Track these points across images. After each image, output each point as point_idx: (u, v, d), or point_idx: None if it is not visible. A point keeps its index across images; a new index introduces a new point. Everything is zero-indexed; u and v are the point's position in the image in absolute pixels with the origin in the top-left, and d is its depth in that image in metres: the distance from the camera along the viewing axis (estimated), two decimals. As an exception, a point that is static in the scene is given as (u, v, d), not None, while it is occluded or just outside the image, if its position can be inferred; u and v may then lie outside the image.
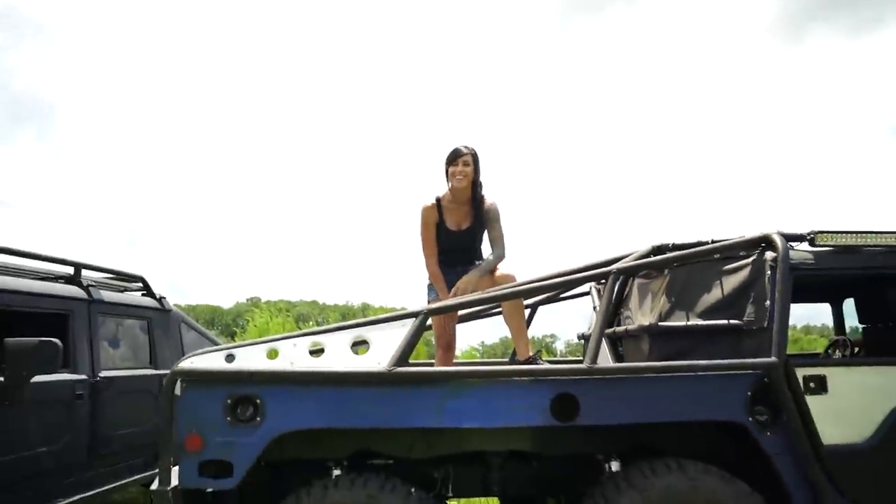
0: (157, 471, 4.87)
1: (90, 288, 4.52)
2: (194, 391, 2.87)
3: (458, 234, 3.94)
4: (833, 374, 3.09)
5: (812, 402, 3.01)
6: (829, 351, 4.91)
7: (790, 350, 3.11)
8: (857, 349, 4.50)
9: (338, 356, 3.02)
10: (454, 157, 3.84)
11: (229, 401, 2.85)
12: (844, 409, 3.05)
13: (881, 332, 3.62)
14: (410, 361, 3.04)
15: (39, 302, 4.09)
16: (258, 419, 2.84)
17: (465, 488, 3.43)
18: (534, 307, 4.80)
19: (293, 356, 3.00)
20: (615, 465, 3.13)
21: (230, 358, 3.00)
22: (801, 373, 3.05)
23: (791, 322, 3.20)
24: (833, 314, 5.07)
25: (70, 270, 4.53)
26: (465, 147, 3.88)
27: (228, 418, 2.84)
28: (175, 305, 5.71)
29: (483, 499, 5.09)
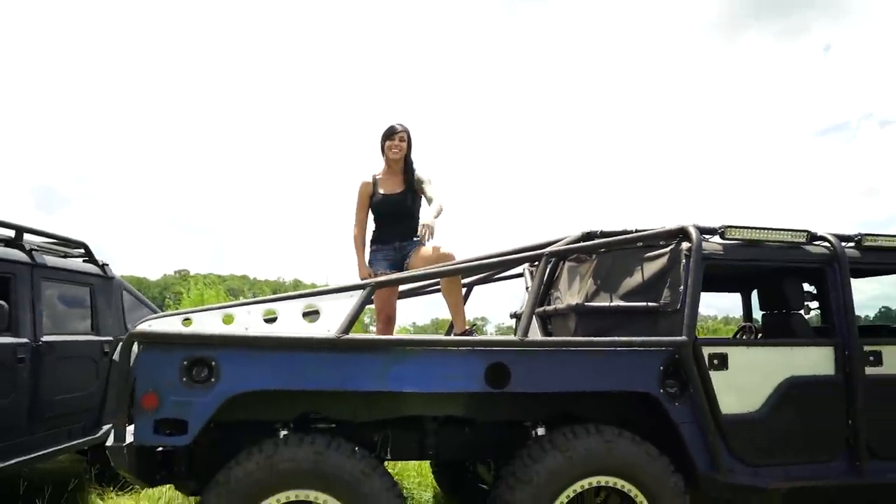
0: (95, 436, 4.98)
1: (33, 252, 4.53)
2: (151, 352, 3.01)
3: (392, 197, 4.30)
4: (734, 353, 3.50)
5: (715, 377, 3.40)
6: (738, 335, 5.41)
7: (711, 337, 3.47)
8: (759, 335, 5.00)
9: (290, 323, 3.21)
10: (391, 133, 4.31)
11: (185, 362, 2.99)
12: (741, 383, 3.46)
13: (777, 318, 4.06)
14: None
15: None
16: (213, 380, 3.00)
17: (402, 451, 3.69)
18: (469, 287, 5.09)
19: (248, 322, 3.18)
20: (541, 431, 3.46)
21: (187, 322, 3.16)
22: (706, 351, 3.43)
23: (713, 313, 3.62)
24: (742, 303, 5.59)
25: (11, 233, 4.52)
26: (400, 125, 4.34)
27: (184, 379, 2.99)
28: None
29: (417, 462, 5.41)
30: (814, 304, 4.44)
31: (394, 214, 4.29)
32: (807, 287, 4.76)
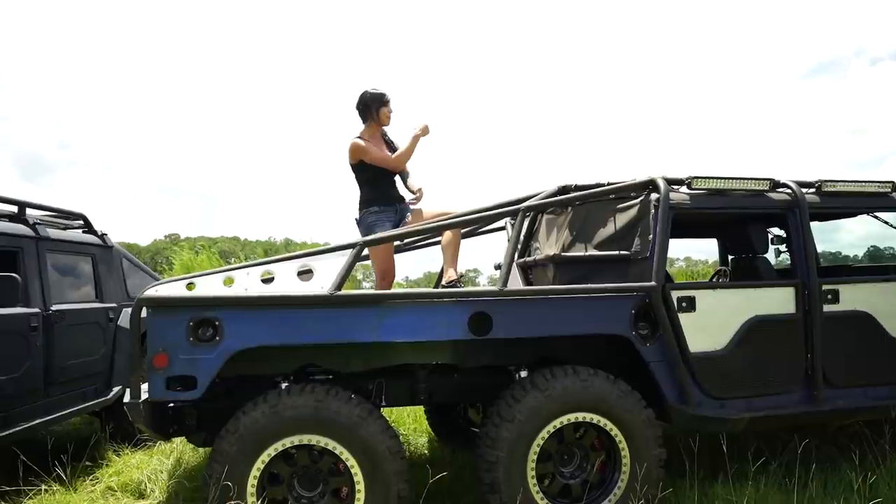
0: (106, 398, 5.26)
1: (36, 226, 4.73)
2: (160, 316, 3.25)
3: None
4: (701, 296, 3.76)
5: (683, 318, 3.67)
6: (713, 279, 5.70)
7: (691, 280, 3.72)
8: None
9: (286, 283, 3.46)
10: (387, 101, 4.55)
11: (191, 323, 3.23)
12: (708, 323, 3.73)
13: (743, 261, 4.33)
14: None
15: (-10, 240, 4.30)
16: (217, 339, 3.24)
17: (395, 398, 3.97)
18: (457, 240, 5.34)
19: (247, 283, 3.42)
20: (524, 374, 3.74)
21: (191, 286, 3.40)
22: (675, 294, 3.70)
23: (704, 257, 3.88)
24: (718, 248, 5.85)
25: (14, 209, 4.71)
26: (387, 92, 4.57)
27: (191, 338, 3.23)
28: None
29: (411, 409, 5.73)
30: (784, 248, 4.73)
31: (390, 176, 4.60)
32: (778, 232, 5.07)
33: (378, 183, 4.52)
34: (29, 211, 4.85)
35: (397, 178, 4.68)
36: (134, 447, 5.14)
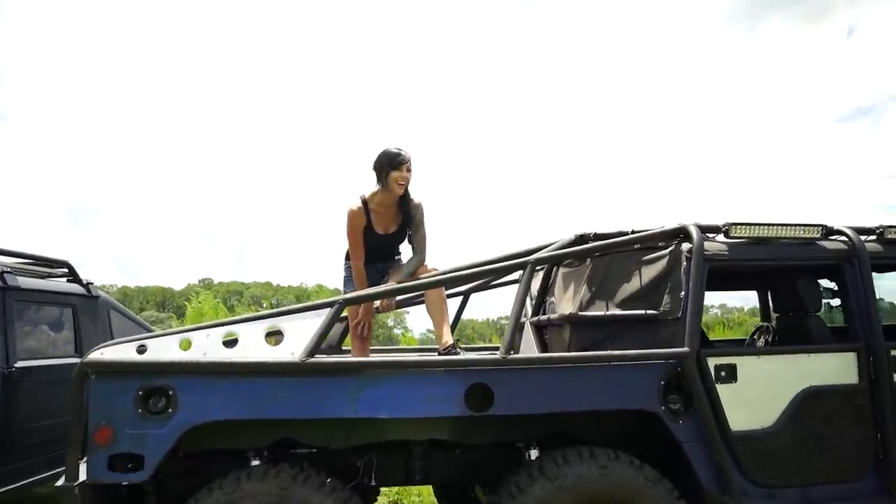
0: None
1: (5, 274, 4.36)
2: (105, 383, 2.81)
3: (385, 238, 3.94)
4: (743, 363, 3.18)
5: (722, 390, 3.10)
6: (754, 337, 5.06)
7: (720, 331, 3.18)
8: (777, 336, 4.65)
9: (251, 347, 2.99)
10: (399, 163, 3.74)
11: (141, 392, 2.79)
12: (752, 396, 3.14)
13: (792, 320, 3.74)
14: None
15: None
16: (170, 411, 2.80)
17: (388, 476, 3.43)
18: (465, 294, 4.83)
19: (206, 347, 2.96)
20: (534, 453, 3.18)
21: (142, 349, 2.94)
22: (712, 362, 3.13)
23: (740, 304, 3.30)
24: (759, 301, 5.23)
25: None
26: (406, 152, 3.80)
27: (140, 410, 2.78)
28: (125, 287, 5.57)
29: (417, 487, 5.15)
30: (835, 302, 4.10)
31: (383, 252, 4.04)
32: (826, 283, 4.41)
33: (366, 247, 3.93)
34: (2, 258, 4.50)
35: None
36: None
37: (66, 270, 5.20)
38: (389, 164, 3.75)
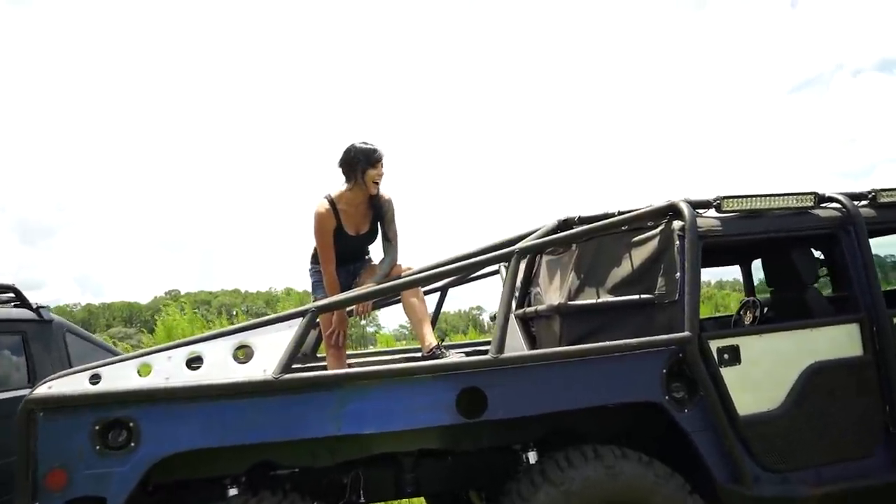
0: None
1: (-62, 304, 3.99)
2: (55, 420, 2.51)
3: (356, 239, 3.69)
4: (745, 343, 3.01)
5: (727, 373, 2.92)
6: (741, 313, 4.92)
7: (706, 308, 3.02)
8: (765, 309, 4.51)
9: (219, 366, 2.71)
10: (376, 160, 3.51)
11: (97, 427, 2.51)
12: (757, 377, 2.98)
13: (788, 294, 3.59)
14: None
15: None
16: (132, 444, 2.52)
17: (377, 492, 3.20)
18: (443, 290, 4.60)
19: (168, 370, 2.67)
20: (532, 456, 2.98)
21: (95, 379, 2.65)
22: (714, 344, 2.95)
23: (705, 278, 3.11)
24: (742, 275, 5.09)
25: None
26: (380, 147, 3.56)
27: (97, 447, 2.50)
28: (89, 305, 5.20)
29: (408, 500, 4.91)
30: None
31: (354, 253, 3.79)
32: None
33: (336, 249, 3.66)
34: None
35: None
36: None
37: (11, 295, 4.82)
38: (366, 161, 3.50)
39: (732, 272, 5.14)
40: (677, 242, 3.05)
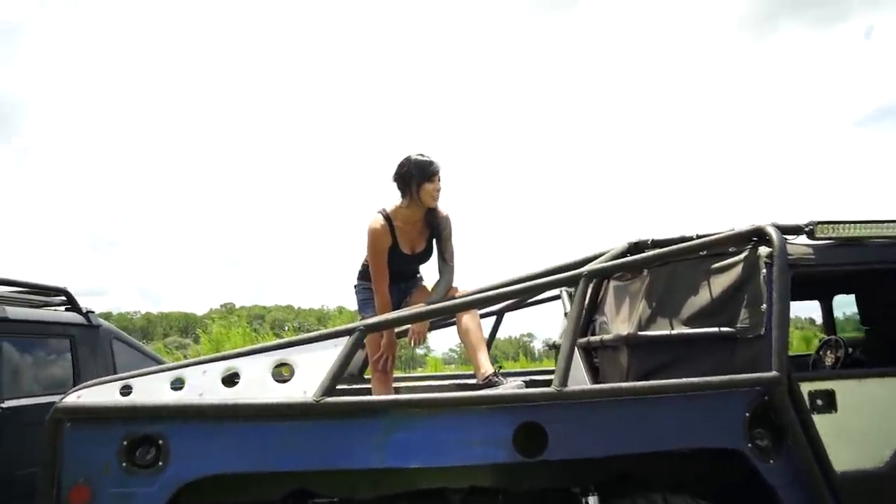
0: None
1: (-10, 304, 3.95)
2: (82, 432, 2.36)
3: (411, 258, 3.50)
4: (842, 389, 2.67)
5: (820, 422, 2.58)
6: (821, 353, 4.50)
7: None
8: (850, 349, 4.10)
9: (256, 384, 2.51)
10: (433, 173, 3.32)
11: (125, 442, 2.35)
12: (858, 428, 2.63)
13: (887, 333, 3.21)
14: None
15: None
16: (161, 464, 2.35)
17: None
18: (499, 314, 4.34)
19: (203, 386, 2.49)
20: (594, 501, 2.69)
21: (127, 390, 2.49)
22: (805, 388, 2.62)
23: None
24: (822, 312, 4.68)
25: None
26: (436, 160, 3.37)
27: (124, 464, 2.34)
28: (148, 314, 5.15)
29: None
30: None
31: (406, 272, 3.61)
32: None
33: (390, 267, 3.47)
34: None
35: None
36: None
37: (63, 298, 4.79)
38: (422, 175, 3.30)
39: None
40: (764, 271, 2.74)
